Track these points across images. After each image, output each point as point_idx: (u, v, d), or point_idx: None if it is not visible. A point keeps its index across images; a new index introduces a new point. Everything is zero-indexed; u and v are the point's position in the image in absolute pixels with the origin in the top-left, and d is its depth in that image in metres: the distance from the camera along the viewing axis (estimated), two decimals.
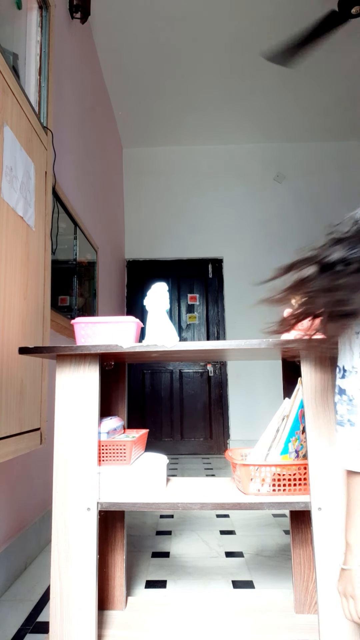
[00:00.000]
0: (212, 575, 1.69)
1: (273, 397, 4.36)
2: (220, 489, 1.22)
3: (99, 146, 3.65)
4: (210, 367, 4.67)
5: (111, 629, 1.25)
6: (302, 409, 1.14)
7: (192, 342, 1.09)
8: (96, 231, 3.48)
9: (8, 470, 1.73)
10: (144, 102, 4.23)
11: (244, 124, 4.62)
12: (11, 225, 1.45)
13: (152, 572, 1.73)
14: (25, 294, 1.57)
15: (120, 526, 1.40)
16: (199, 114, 4.43)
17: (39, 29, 1.95)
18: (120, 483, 1.15)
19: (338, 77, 3.88)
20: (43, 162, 1.81)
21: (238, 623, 1.27)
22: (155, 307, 1.16)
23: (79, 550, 1.09)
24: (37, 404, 1.66)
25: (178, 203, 4.92)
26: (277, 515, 2.41)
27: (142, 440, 1.36)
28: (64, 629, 1.08)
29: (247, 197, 4.91)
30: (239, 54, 3.64)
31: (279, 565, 1.77)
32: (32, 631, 1.34)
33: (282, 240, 4.76)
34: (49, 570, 1.73)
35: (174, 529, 2.23)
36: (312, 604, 1.31)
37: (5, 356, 1.38)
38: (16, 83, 1.53)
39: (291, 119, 4.53)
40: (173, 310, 4.77)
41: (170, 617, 1.30)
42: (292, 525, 1.36)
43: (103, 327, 1.16)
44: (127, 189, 4.98)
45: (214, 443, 4.54)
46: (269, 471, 1.11)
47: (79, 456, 1.12)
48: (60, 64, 2.51)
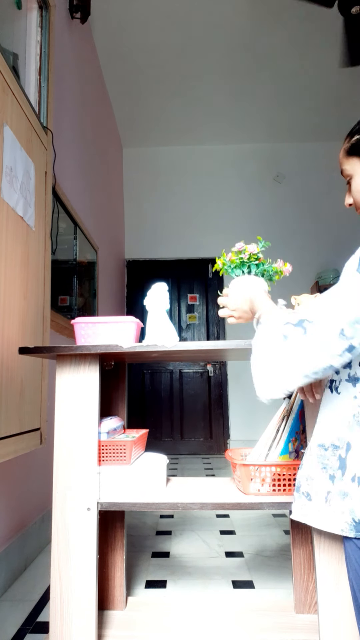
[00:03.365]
0: (212, 575, 1.69)
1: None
2: (220, 489, 1.22)
3: (99, 146, 3.65)
4: (210, 367, 4.67)
5: (111, 629, 1.25)
6: (302, 409, 1.14)
7: (192, 342, 1.09)
8: (96, 231, 3.48)
9: (8, 470, 1.73)
10: (144, 102, 4.23)
11: (244, 124, 4.62)
12: (11, 225, 1.45)
13: (152, 572, 1.73)
14: (25, 294, 1.57)
15: (120, 526, 1.40)
16: (199, 114, 4.43)
17: (39, 29, 1.95)
18: (120, 483, 1.14)
19: (338, 77, 3.88)
20: (43, 162, 1.81)
21: (238, 623, 1.27)
22: (155, 307, 1.16)
23: (79, 550, 1.09)
24: (37, 404, 1.66)
25: (178, 203, 4.92)
26: (277, 515, 2.41)
27: (142, 440, 1.36)
28: (64, 629, 1.08)
29: (247, 197, 4.91)
30: (239, 54, 3.63)
31: (279, 565, 1.77)
32: (32, 631, 1.34)
33: (282, 240, 4.76)
34: (49, 570, 1.72)
35: (174, 529, 2.22)
36: (312, 604, 1.31)
37: (5, 356, 1.38)
38: (16, 83, 1.53)
39: (291, 119, 4.53)
40: (173, 310, 4.77)
41: (170, 617, 1.30)
42: (292, 525, 1.36)
43: (103, 327, 1.16)
44: (127, 189, 4.98)
45: (214, 443, 4.54)
46: (269, 471, 1.11)
47: (79, 456, 1.12)
48: (60, 64, 2.51)
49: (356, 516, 0.76)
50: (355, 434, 0.78)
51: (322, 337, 0.70)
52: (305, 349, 0.72)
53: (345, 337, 0.68)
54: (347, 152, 0.89)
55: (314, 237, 4.73)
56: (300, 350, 0.73)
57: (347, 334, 0.68)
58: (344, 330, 0.68)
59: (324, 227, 4.71)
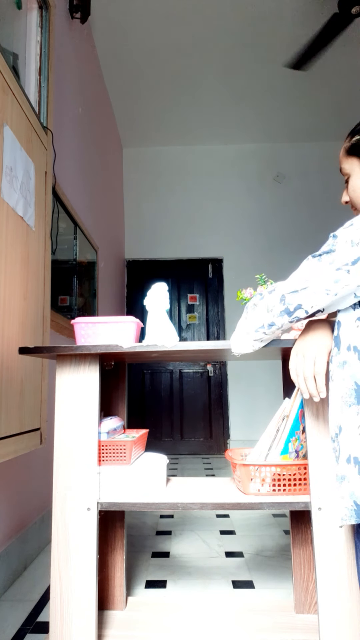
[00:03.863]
0: (212, 575, 1.69)
1: (273, 397, 4.35)
2: (220, 489, 1.22)
3: (99, 146, 3.65)
4: (210, 367, 4.67)
5: (111, 629, 1.25)
6: (302, 409, 1.14)
7: (192, 342, 1.09)
8: (96, 231, 3.48)
9: (8, 470, 1.73)
10: (144, 102, 4.23)
11: (244, 124, 4.62)
12: (11, 225, 1.45)
13: (152, 572, 1.73)
14: (25, 294, 1.57)
15: (120, 526, 1.40)
16: (199, 114, 4.43)
17: (39, 29, 1.95)
18: (120, 483, 1.14)
19: (338, 77, 3.88)
20: (43, 162, 1.81)
21: (238, 623, 1.27)
22: (155, 307, 1.16)
23: (79, 550, 1.09)
24: (37, 404, 1.66)
25: (178, 203, 4.92)
26: (277, 515, 2.41)
27: (142, 440, 1.36)
28: (64, 629, 1.08)
29: (247, 197, 4.91)
30: (239, 54, 3.63)
31: (279, 565, 1.77)
32: (32, 631, 1.34)
33: (282, 240, 4.76)
34: (49, 570, 1.73)
35: (174, 529, 2.22)
36: (312, 604, 1.31)
37: (5, 356, 1.38)
38: (16, 83, 1.53)
39: (291, 119, 4.53)
40: (173, 310, 4.77)
41: (170, 617, 1.30)
42: (292, 525, 1.36)
43: (103, 327, 1.16)
44: (127, 189, 4.98)
45: (214, 443, 4.54)
46: (269, 471, 1.11)
47: (79, 456, 1.12)
48: (60, 64, 2.51)
49: (357, 498, 0.76)
50: (345, 415, 0.80)
51: (269, 302, 0.92)
52: (260, 309, 0.95)
53: (284, 303, 0.89)
54: (346, 152, 0.91)
55: (314, 237, 4.72)
56: (257, 310, 0.96)
57: (286, 301, 0.88)
58: (285, 298, 0.89)
59: (323, 227, 4.70)
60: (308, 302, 0.86)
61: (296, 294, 0.87)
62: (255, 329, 0.96)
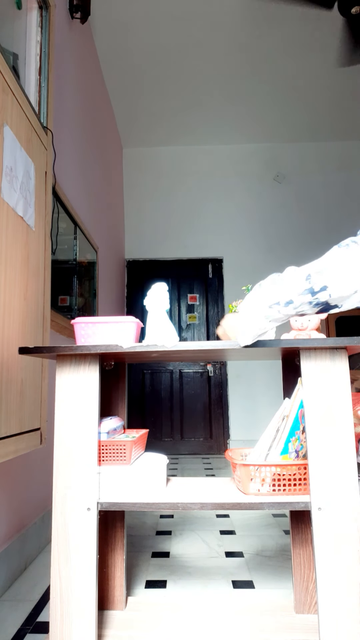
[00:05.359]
0: (212, 575, 1.70)
1: (273, 397, 4.36)
2: (220, 489, 1.22)
3: (99, 146, 3.65)
4: (210, 367, 4.67)
5: (111, 629, 1.25)
6: (302, 409, 1.14)
7: (192, 342, 1.09)
8: (96, 231, 3.48)
9: (8, 470, 1.73)
10: (144, 102, 4.23)
11: (244, 124, 4.62)
12: (11, 225, 1.45)
13: (152, 572, 1.73)
14: (25, 294, 1.57)
15: (120, 526, 1.40)
16: (199, 114, 4.43)
17: (39, 29, 1.95)
18: (120, 483, 1.14)
19: (338, 76, 3.88)
20: (43, 162, 1.81)
21: (238, 623, 1.27)
22: (155, 307, 1.16)
23: (79, 550, 1.09)
24: (37, 404, 1.66)
25: (178, 203, 4.92)
26: (277, 515, 2.41)
27: (142, 440, 1.36)
28: (64, 629, 1.08)
29: (247, 197, 4.91)
30: (239, 54, 3.63)
31: (279, 565, 1.77)
32: (32, 631, 1.34)
33: (282, 240, 4.77)
34: (49, 570, 1.73)
35: (174, 529, 2.23)
36: (312, 604, 1.31)
37: (5, 356, 1.38)
38: (16, 83, 1.53)
39: (291, 119, 4.53)
40: (173, 310, 4.77)
41: (170, 617, 1.30)
42: (292, 525, 1.36)
43: (103, 327, 1.16)
44: (127, 189, 4.98)
45: (214, 443, 4.54)
46: (269, 471, 1.11)
47: (78, 456, 1.12)
48: (61, 64, 2.51)
49: None
50: None
51: (294, 277, 0.92)
52: (280, 285, 0.93)
53: (310, 281, 0.88)
54: None
55: (314, 237, 4.73)
56: (276, 286, 0.93)
57: (312, 280, 0.88)
58: (311, 276, 0.88)
59: (323, 227, 4.71)
60: (334, 285, 0.84)
61: (323, 275, 0.85)
62: (270, 304, 0.91)
